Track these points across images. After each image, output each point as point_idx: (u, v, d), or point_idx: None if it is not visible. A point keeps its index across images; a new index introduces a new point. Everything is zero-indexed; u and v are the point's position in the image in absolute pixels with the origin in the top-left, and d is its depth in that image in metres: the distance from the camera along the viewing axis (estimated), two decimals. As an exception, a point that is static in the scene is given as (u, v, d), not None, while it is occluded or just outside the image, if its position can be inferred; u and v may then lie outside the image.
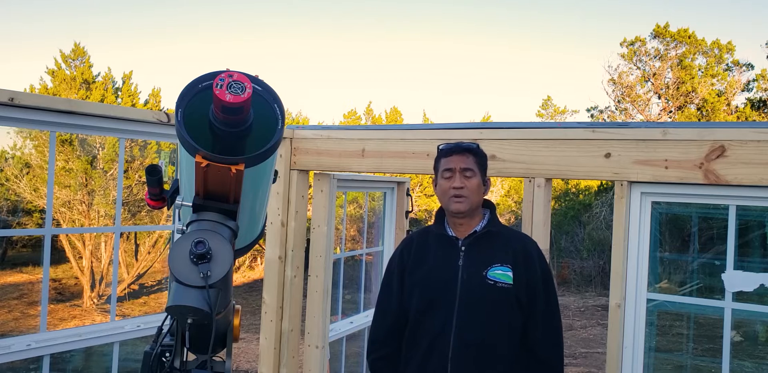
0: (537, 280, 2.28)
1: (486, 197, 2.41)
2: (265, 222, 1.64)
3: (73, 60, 15.18)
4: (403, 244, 2.49)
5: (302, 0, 38.38)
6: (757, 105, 17.61)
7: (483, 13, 38.21)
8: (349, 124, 18.13)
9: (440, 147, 2.40)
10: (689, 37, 18.83)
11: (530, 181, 2.92)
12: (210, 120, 1.22)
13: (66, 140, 13.10)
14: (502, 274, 2.24)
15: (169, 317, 1.51)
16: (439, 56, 39.93)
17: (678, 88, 18.77)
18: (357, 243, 11.97)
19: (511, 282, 2.23)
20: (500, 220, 2.75)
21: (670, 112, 19.14)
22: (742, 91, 18.92)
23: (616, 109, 20.24)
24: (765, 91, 18.53)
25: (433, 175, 2.42)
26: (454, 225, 2.34)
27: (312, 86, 40.04)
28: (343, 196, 5.14)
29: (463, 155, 2.31)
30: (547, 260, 2.54)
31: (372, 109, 21.51)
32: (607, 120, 19.64)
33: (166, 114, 3.15)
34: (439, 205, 2.40)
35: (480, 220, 2.34)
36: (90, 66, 15.33)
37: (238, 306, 1.60)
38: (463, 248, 2.30)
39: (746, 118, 17.06)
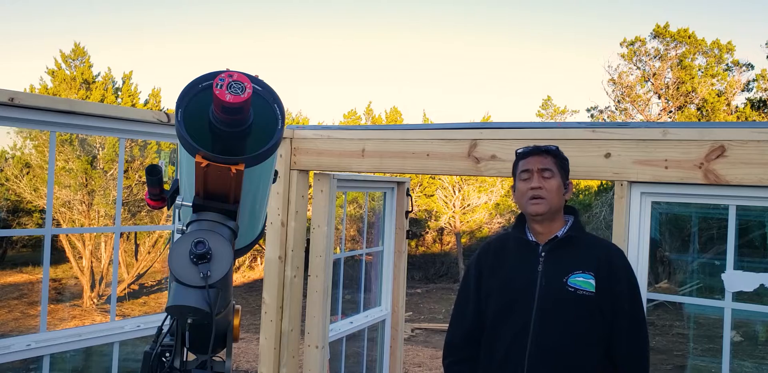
0: (623, 291, 2.17)
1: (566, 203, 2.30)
2: (265, 222, 1.64)
3: (73, 60, 15.20)
4: (481, 248, 2.42)
5: (302, 0, 38.38)
6: (757, 105, 17.61)
7: (483, 13, 38.22)
8: (349, 124, 18.13)
9: (518, 150, 2.32)
10: (689, 37, 18.84)
11: (530, 181, 2.91)
12: (210, 120, 1.22)
13: (66, 140, 13.11)
14: (583, 281, 2.14)
15: (169, 317, 1.51)
16: (439, 56, 39.94)
17: (678, 88, 18.77)
18: (357, 243, 11.96)
19: (594, 290, 2.13)
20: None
21: (670, 112, 19.13)
22: (742, 91, 18.93)
23: (616, 109, 20.25)
24: (765, 91, 18.53)
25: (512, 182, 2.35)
26: (535, 230, 2.26)
27: (312, 86, 40.08)
28: (343, 196, 5.14)
29: (540, 156, 2.24)
30: None
31: (372, 109, 21.55)
32: (607, 120, 19.64)
33: (166, 114, 3.15)
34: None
35: (562, 225, 2.25)
36: (90, 66, 15.34)
37: (238, 306, 1.60)
38: (543, 254, 2.21)
39: (746, 118, 17.06)
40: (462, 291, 2.40)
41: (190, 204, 1.33)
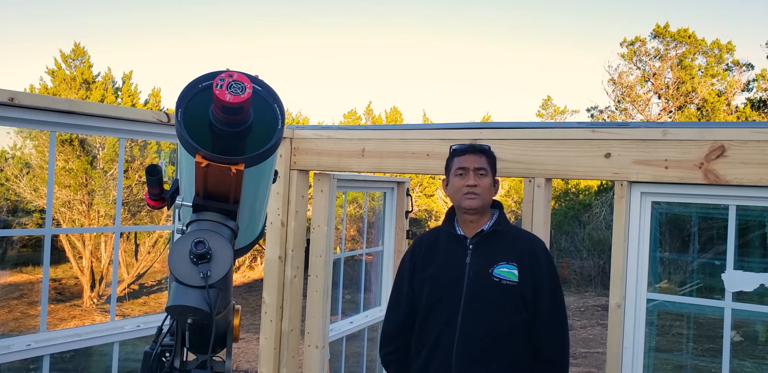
0: (543, 280, 2.32)
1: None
2: (265, 222, 1.64)
3: (73, 60, 15.18)
4: (415, 242, 2.57)
5: (302, 0, 38.38)
6: (757, 105, 17.60)
7: (483, 13, 38.22)
8: (349, 124, 18.13)
9: (453, 147, 2.47)
10: (689, 37, 18.84)
11: (530, 181, 2.91)
12: (210, 120, 1.22)
13: (66, 140, 13.09)
14: (507, 272, 2.29)
15: (169, 317, 1.52)
16: (439, 56, 39.94)
17: (678, 88, 18.77)
18: (357, 243, 11.96)
19: (517, 280, 2.28)
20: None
21: (670, 112, 19.13)
22: (742, 91, 18.93)
23: (616, 109, 20.25)
24: (765, 91, 18.53)
25: (445, 175, 2.50)
26: (464, 223, 2.41)
27: (312, 86, 40.09)
28: (343, 196, 5.14)
29: (476, 155, 2.39)
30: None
31: (372, 109, 21.56)
32: (607, 120, 19.63)
33: (166, 114, 3.15)
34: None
35: (489, 219, 2.40)
36: (90, 66, 15.33)
37: (238, 306, 1.60)
38: (470, 246, 2.36)
39: (746, 118, 17.06)
40: (397, 283, 2.54)
41: (190, 204, 1.33)
